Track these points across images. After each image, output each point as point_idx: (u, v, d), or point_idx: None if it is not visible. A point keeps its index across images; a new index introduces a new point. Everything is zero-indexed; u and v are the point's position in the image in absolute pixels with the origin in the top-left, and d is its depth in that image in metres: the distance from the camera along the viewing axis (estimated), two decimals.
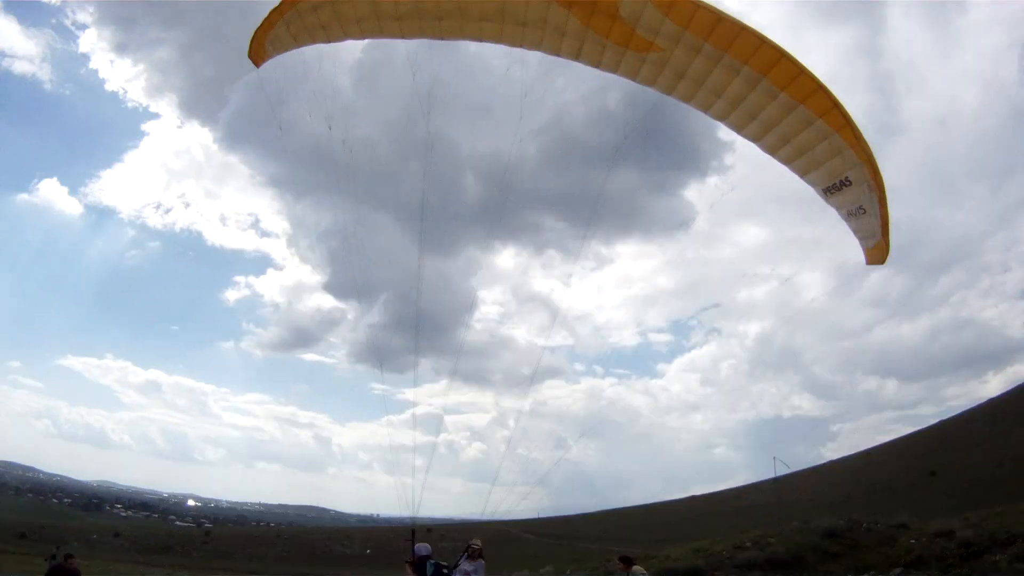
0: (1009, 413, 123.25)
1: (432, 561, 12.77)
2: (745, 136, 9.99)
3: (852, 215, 9.66)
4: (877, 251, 9.75)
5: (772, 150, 9.87)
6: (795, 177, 9.95)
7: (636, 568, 13.63)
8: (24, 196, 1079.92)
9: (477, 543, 13.07)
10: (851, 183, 9.32)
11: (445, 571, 12.68)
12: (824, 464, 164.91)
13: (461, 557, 13.03)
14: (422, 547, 13.24)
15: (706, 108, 9.96)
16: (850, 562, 15.75)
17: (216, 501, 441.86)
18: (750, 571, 15.39)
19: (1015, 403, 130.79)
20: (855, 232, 9.88)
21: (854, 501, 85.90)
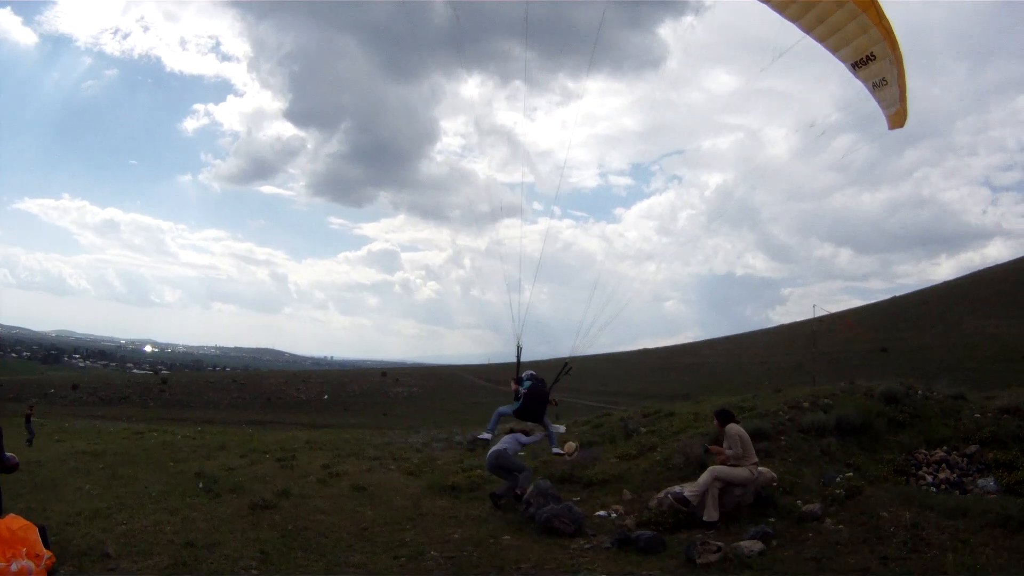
0: (961, 300, 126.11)
1: (528, 373, 12.88)
2: (786, 16, 10.70)
3: (876, 87, 10.67)
4: (897, 116, 10.91)
5: (809, 28, 10.62)
6: (771, 24, 10.98)
7: (731, 427, 11.04)
8: None
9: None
10: (875, 57, 10.33)
11: (540, 379, 12.82)
12: (773, 328, 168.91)
13: (562, 373, 13.22)
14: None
15: None
16: (918, 433, 13.65)
17: (173, 346, 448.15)
18: (822, 436, 13.03)
19: (967, 290, 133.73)
20: (879, 102, 10.87)
21: (806, 368, 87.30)
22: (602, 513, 11.11)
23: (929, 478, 11.98)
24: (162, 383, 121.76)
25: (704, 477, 10.22)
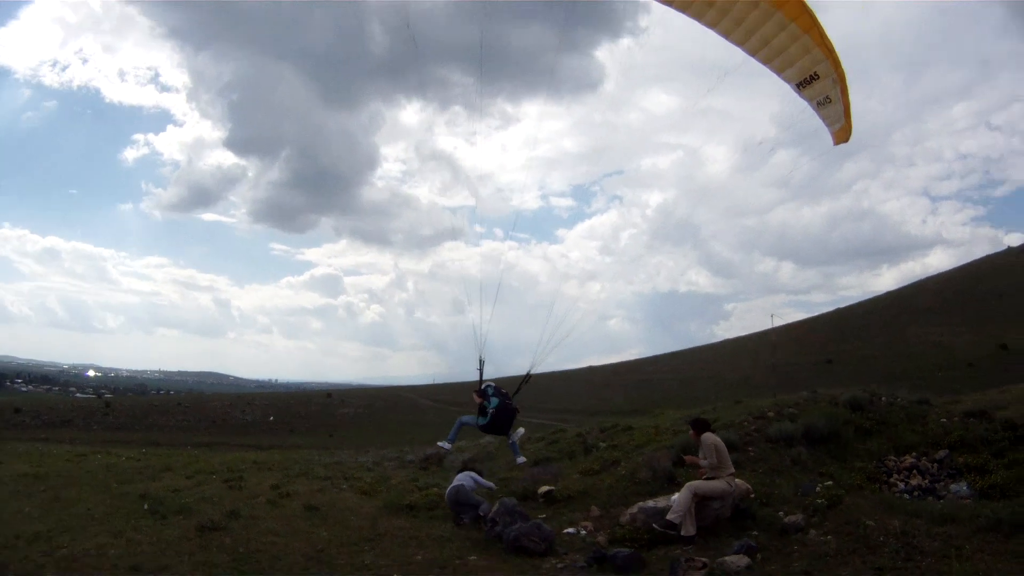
0: (904, 309, 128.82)
1: (490, 384, 12.97)
2: (732, 40, 10.87)
3: (820, 104, 10.89)
4: (842, 132, 11.16)
5: (753, 52, 10.82)
6: (709, 45, 11.16)
7: (706, 436, 10.57)
8: None
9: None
10: (819, 77, 10.59)
11: (504, 393, 12.92)
12: (718, 343, 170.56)
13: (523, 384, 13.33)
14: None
15: (699, 17, 10.84)
16: (886, 440, 13.40)
17: (116, 371, 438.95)
18: (790, 447, 12.73)
19: (909, 300, 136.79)
20: (823, 119, 11.12)
21: (753, 381, 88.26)
22: (571, 530, 10.54)
23: (901, 485, 11.76)
24: (105, 407, 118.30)
25: (683, 495, 9.70)
